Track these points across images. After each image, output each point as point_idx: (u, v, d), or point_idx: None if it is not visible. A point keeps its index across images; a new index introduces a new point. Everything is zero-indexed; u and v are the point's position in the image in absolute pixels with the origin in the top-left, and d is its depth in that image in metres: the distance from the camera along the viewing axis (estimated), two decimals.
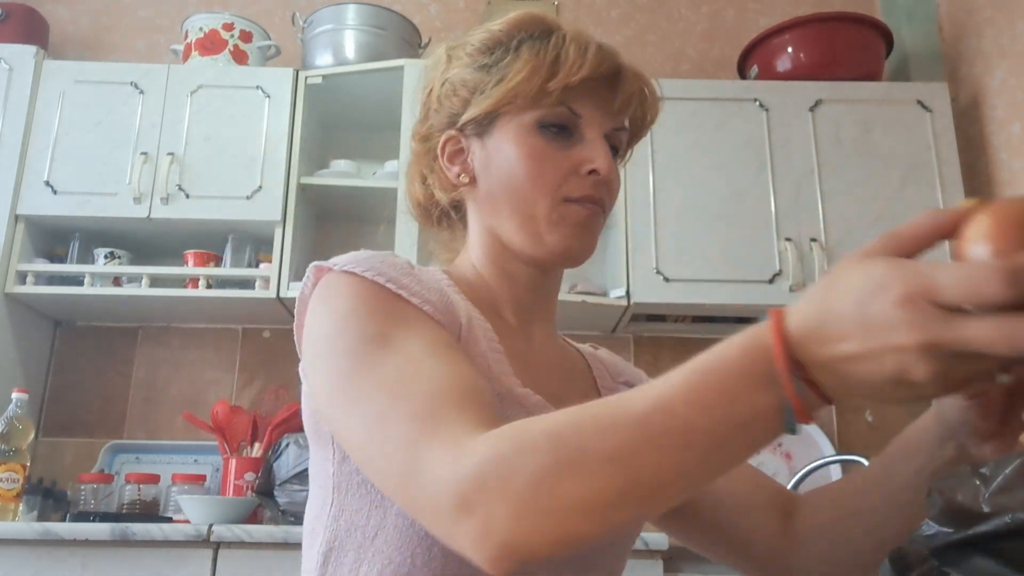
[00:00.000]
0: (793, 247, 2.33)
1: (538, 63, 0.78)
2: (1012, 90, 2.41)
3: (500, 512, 0.50)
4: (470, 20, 2.91)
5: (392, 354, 0.64)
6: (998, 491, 0.42)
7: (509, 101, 0.79)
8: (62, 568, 1.79)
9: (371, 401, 0.62)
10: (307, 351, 0.71)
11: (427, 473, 0.55)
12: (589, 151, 0.79)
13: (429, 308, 0.70)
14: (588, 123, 0.80)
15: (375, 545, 0.70)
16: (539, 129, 0.79)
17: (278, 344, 2.60)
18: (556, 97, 0.78)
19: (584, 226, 0.80)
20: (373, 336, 0.66)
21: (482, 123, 0.81)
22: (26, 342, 2.43)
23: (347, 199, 2.53)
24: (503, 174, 0.80)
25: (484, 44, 0.82)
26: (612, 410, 0.52)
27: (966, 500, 0.43)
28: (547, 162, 0.78)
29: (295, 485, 1.96)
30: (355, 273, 0.71)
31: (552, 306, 0.89)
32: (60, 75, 2.43)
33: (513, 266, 0.84)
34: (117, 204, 2.33)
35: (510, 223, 0.80)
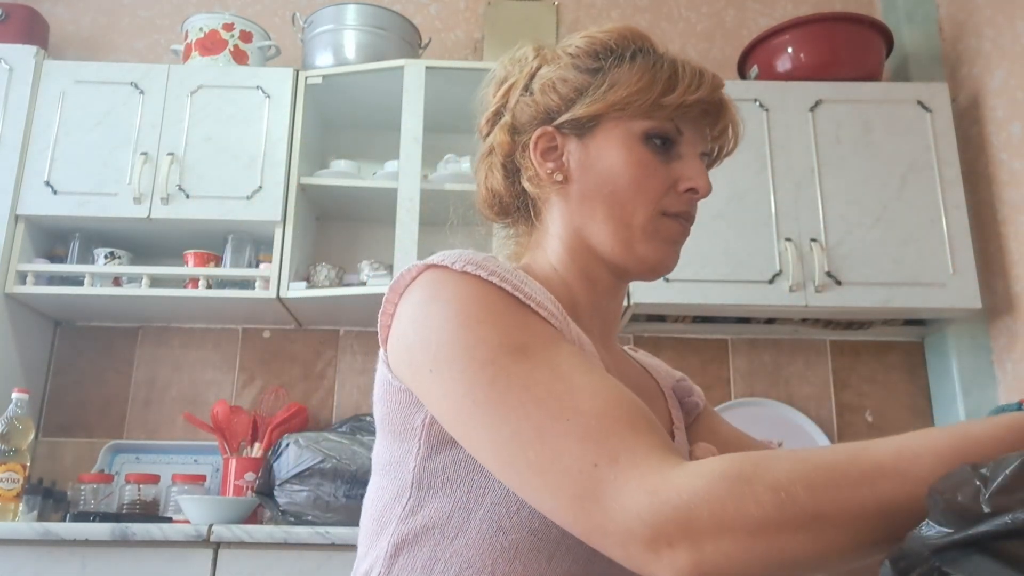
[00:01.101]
0: (793, 247, 2.33)
1: (656, 75, 0.80)
2: (1012, 90, 2.41)
3: (711, 550, 0.52)
4: (470, 20, 2.92)
5: (538, 367, 0.63)
6: (998, 491, 0.42)
7: (622, 107, 0.79)
8: (62, 568, 1.79)
9: (526, 417, 0.60)
10: (419, 351, 0.68)
11: (615, 500, 0.55)
12: (689, 169, 0.81)
13: (555, 322, 0.70)
14: (688, 142, 0.82)
15: (454, 546, 0.69)
16: (645, 140, 0.80)
17: (278, 344, 2.60)
18: (668, 112, 0.79)
19: (675, 242, 0.82)
20: (513, 347, 0.64)
21: (585, 124, 0.82)
22: (26, 342, 2.43)
23: (347, 199, 2.53)
24: (604, 178, 0.80)
25: (591, 48, 0.84)
26: (853, 479, 0.52)
27: (966, 500, 0.43)
28: (651, 173, 0.80)
29: (295, 485, 1.96)
30: (479, 276, 0.69)
31: (620, 312, 0.90)
32: (60, 75, 2.43)
33: (596, 270, 0.83)
34: (117, 204, 2.33)
35: (604, 227, 0.81)
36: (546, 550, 0.67)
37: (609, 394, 0.61)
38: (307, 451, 1.99)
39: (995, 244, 2.44)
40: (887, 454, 0.53)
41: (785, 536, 0.51)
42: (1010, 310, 2.38)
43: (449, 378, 0.65)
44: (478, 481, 0.69)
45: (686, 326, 2.57)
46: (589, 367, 0.64)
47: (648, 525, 0.53)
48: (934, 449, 0.52)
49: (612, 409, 0.60)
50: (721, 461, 0.55)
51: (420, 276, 0.71)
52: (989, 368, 2.46)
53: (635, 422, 0.59)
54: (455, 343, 0.66)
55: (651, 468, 0.55)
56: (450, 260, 0.70)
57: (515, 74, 0.88)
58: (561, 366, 0.63)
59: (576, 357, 0.65)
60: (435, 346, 0.67)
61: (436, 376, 0.66)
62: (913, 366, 2.63)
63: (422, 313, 0.69)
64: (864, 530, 0.51)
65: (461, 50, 2.90)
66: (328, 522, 1.90)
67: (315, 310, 2.46)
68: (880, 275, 2.33)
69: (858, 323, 2.54)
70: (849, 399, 2.59)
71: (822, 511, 0.51)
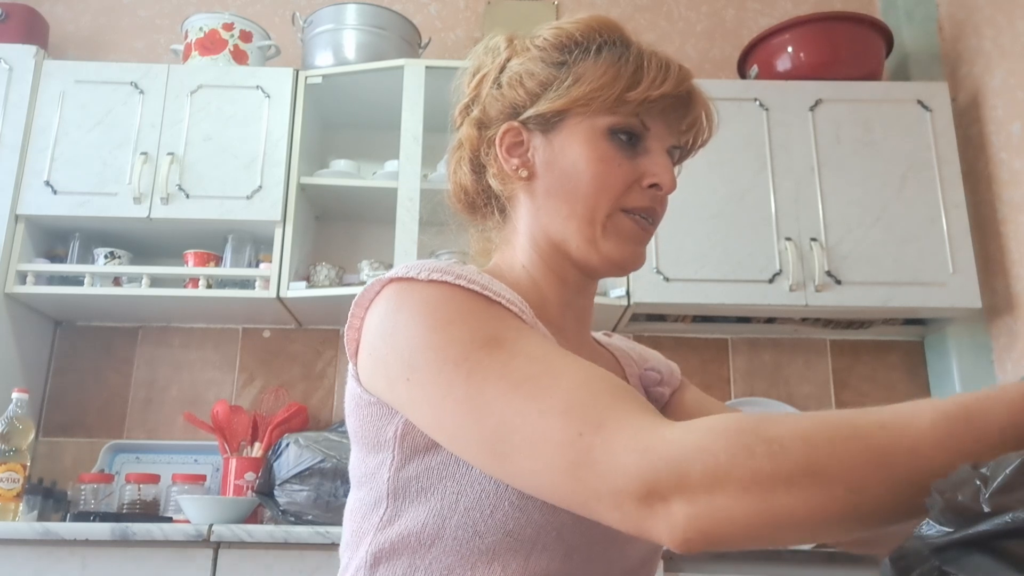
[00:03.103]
0: (793, 247, 2.33)
1: (620, 70, 0.78)
2: (1012, 90, 2.41)
3: (704, 504, 0.51)
4: (470, 20, 2.92)
5: (512, 356, 0.63)
6: (999, 490, 0.42)
7: (585, 103, 0.78)
8: (62, 568, 1.79)
9: (507, 404, 0.60)
10: (391, 361, 0.67)
11: (605, 462, 0.54)
12: (654, 164, 0.79)
13: (524, 316, 0.70)
14: (655, 137, 0.80)
15: (432, 553, 0.69)
16: (610, 135, 0.79)
17: (278, 344, 2.60)
18: (633, 107, 0.78)
19: (636, 240, 0.81)
20: (485, 340, 0.64)
21: (550, 120, 0.81)
22: (26, 342, 2.43)
23: (347, 199, 2.53)
24: (568, 174, 0.80)
25: (558, 40, 0.82)
26: (847, 433, 0.51)
27: (966, 499, 0.43)
28: (613, 169, 0.79)
29: (295, 485, 1.96)
30: (444, 281, 0.69)
31: (592, 306, 0.88)
32: (60, 75, 2.43)
33: (564, 267, 0.83)
34: (117, 204, 2.33)
35: (568, 224, 0.80)
36: (523, 550, 0.68)
37: (586, 370, 0.61)
38: (307, 451, 1.99)
39: (995, 243, 2.44)
40: (887, 410, 0.52)
41: (781, 491, 0.50)
42: (1010, 310, 2.38)
43: (426, 383, 0.65)
44: (451, 488, 0.69)
45: (686, 326, 2.57)
46: (563, 351, 0.65)
47: (640, 480, 0.53)
48: (936, 406, 0.51)
49: (591, 382, 0.60)
50: (715, 418, 0.54)
51: (384, 289, 0.71)
52: (989, 368, 2.46)
53: (615, 392, 0.59)
54: (427, 348, 0.65)
55: (640, 427, 0.55)
56: (415, 271, 0.70)
57: (487, 65, 0.87)
58: (535, 351, 0.64)
59: (549, 342, 0.66)
60: (408, 354, 0.66)
61: (413, 384, 0.66)
62: (913, 366, 2.63)
63: (390, 324, 0.69)
64: (862, 488, 0.50)
65: (461, 50, 2.89)
66: (328, 522, 1.90)
67: (315, 310, 2.46)
68: (880, 275, 2.33)
69: (858, 323, 2.54)
70: (849, 399, 2.59)
71: (819, 464, 0.50)
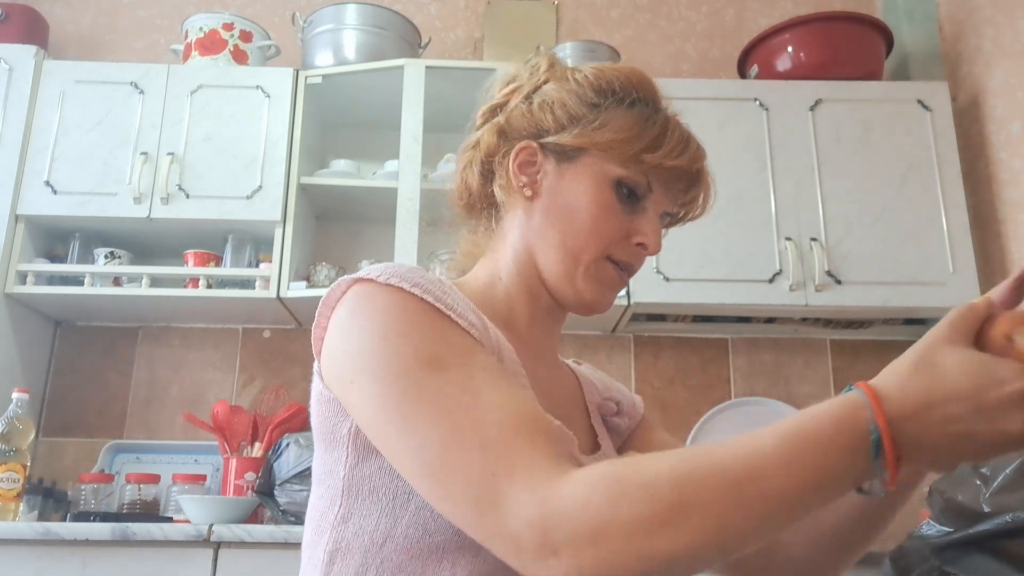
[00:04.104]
0: (793, 247, 2.33)
1: (645, 130, 0.83)
2: (1012, 89, 2.41)
3: (590, 557, 0.54)
4: (470, 20, 2.92)
5: (449, 380, 0.65)
6: (998, 490, 0.42)
7: (604, 148, 0.82)
8: (62, 568, 1.79)
9: (433, 428, 0.63)
10: (343, 362, 0.71)
11: (509, 509, 0.58)
12: (647, 224, 0.84)
13: (475, 332, 0.72)
14: (654, 200, 0.84)
15: (383, 552, 0.71)
16: (616, 186, 0.83)
17: (278, 344, 2.60)
18: (645, 168, 0.82)
19: (612, 287, 0.85)
20: (428, 359, 0.67)
21: (567, 152, 0.84)
22: (26, 342, 2.43)
23: (347, 199, 2.53)
24: (569, 207, 0.83)
25: (598, 83, 0.85)
26: (706, 468, 0.55)
27: (966, 499, 0.43)
28: (609, 218, 0.83)
29: (295, 485, 1.96)
30: (401, 288, 0.71)
31: (560, 328, 0.93)
32: (60, 75, 2.43)
33: (538, 288, 0.87)
34: (117, 204, 2.33)
35: (552, 253, 0.84)
36: (472, 548, 0.69)
37: (514, 407, 0.64)
38: (307, 451, 1.99)
39: (995, 243, 2.44)
40: (738, 441, 0.56)
41: (658, 533, 0.53)
42: None
43: (367, 388, 0.68)
44: (402, 487, 0.71)
45: (686, 326, 2.57)
46: (499, 380, 0.67)
47: (536, 533, 0.56)
48: (776, 430, 0.56)
49: (515, 422, 0.62)
50: (604, 465, 0.58)
51: (349, 290, 0.74)
52: None
53: (535, 435, 0.62)
54: (373, 354, 0.68)
55: (544, 478, 0.58)
56: (375, 273, 0.72)
57: (523, 79, 0.89)
58: (472, 379, 0.66)
59: (488, 370, 0.67)
60: (356, 357, 0.69)
61: (356, 386, 0.69)
62: None
63: (347, 326, 0.72)
64: (726, 518, 0.54)
65: (461, 50, 2.90)
66: None
67: (315, 310, 2.45)
68: (880, 274, 2.33)
69: (858, 322, 2.54)
70: None
71: (687, 502, 0.54)
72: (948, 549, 0.45)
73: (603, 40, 2.74)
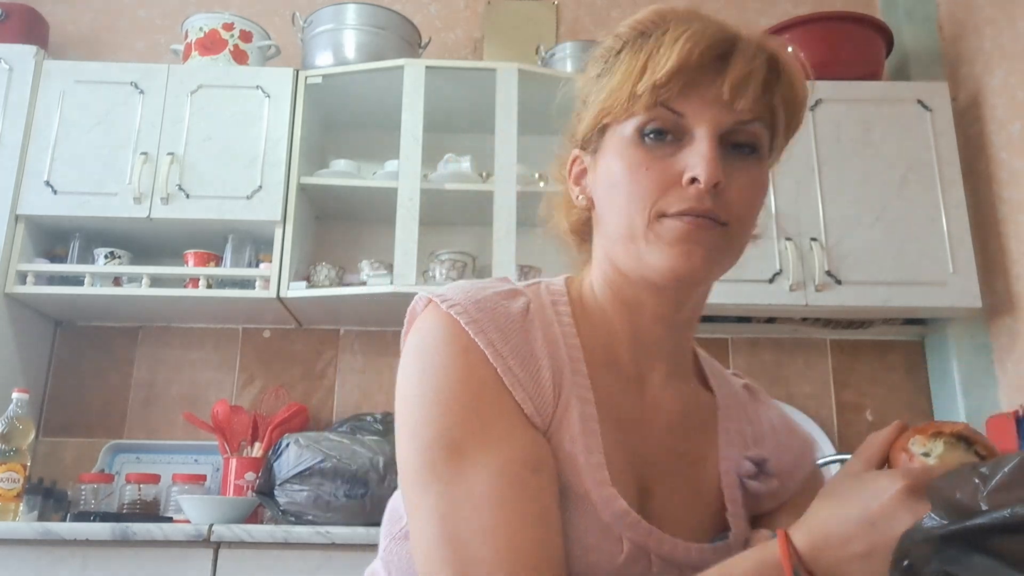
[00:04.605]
0: (793, 246, 2.33)
1: (632, 66, 0.70)
2: (1012, 89, 2.41)
3: None
4: (470, 20, 2.92)
5: (459, 478, 0.63)
6: (997, 489, 0.42)
7: (606, 113, 0.72)
8: (62, 568, 1.79)
9: (427, 524, 0.63)
10: (396, 400, 0.70)
11: None
12: (691, 154, 0.68)
13: (521, 393, 0.67)
14: (695, 121, 0.68)
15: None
16: (640, 137, 0.70)
17: (278, 344, 2.60)
18: (648, 98, 0.68)
19: (683, 241, 0.67)
20: (450, 444, 0.64)
21: (592, 139, 0.75)
22: (26, 342, 2.43)
23: (347, 199, 2.52)
24: (607, 192, 0.73)
25: (601, 52, 0.75)
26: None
27: (965, 498, 0.43)
28: (643, 174, 0.69)
29: (295, 485, 1.96)
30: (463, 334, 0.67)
31: (683, 341, 0.80)
32: (60, 75, 2.43)
33: (633, 294, 0.74)
34: (117, 204, 2.33)
35: (617, 245, 0.72)
36: None
37: (506, 541, 0.61)
38: (307, 451, 1.99)
39: (995, 243, 2.44)
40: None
41: None
42: (1010, 310, 2.38)
43: (400, 443, 0.68)
44: None
45: None
46: (513, 490, 0.63)
47: None
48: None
49: (498, 562, 0.60)
50: None
51: (424, 311, 0.72)
52: (989, 368, 2.45)
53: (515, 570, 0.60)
54: (411, 410, 0.68)
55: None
56: (447, 300, 0.69)
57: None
58: (483, 487, 0.63)
59: (504, 476, 0.63)
60: (400, 401, 0.69)
61: (397, 429, 0.69)
62: (913, 365, 2.63)
63: (406, 362, 0.71)
64: None
65: (461, 50, 2.90)
66: (328, 522, 1.90)
67: (315, 310, 2.46)
68: (880, 274, 2.33)
69: (858, 322, 2.54)
70: (849, 398, 2.59)
71: None
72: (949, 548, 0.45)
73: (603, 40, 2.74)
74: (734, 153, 0.69)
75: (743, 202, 0.70)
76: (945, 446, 0.58)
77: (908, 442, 0.60)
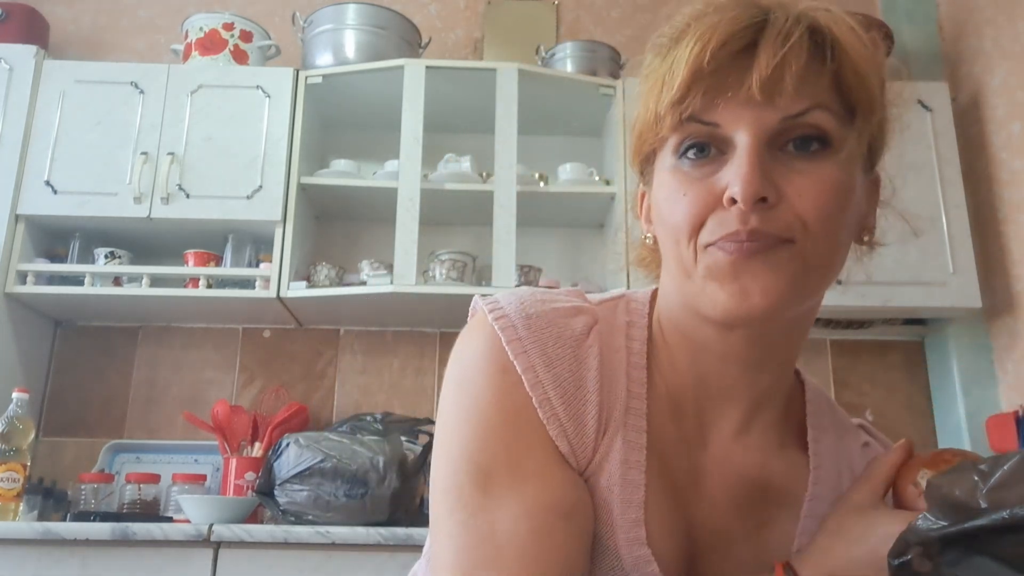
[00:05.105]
0: None
1: (653, 83, 0.61)
2: (1012, 89, 2.41)
3: None
4: (470, 20, 2.92)
5: (483, 512, 0.58)
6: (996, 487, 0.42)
7: (642, 140, 0.64)
8: (62, 568, 1.79)
9: (444, 551, 0.59)
10: (441, 398, 0.66)
11: None
12: (729, 170, 0.57)
13: (556, 429, 0.61)
14: (732, 127, 0.58)
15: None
16: (679, 159, 0.60)
17: (278, 344, 2.60)
18: (672, 118, 0.59)
19: (734, 278, 0.57)
20: (479, 470, 0.60)
21: (644, 171, 0.67)
22: (26, 342, 2.43)
23: (347, 199, 2.53)
24: (657, 227, 0.65)
25: (643, 63, 0.66)
26: None
27: (963, 496, 0.43)
28: (680, 200, 0.59)
29: (295, 485, 1.96)
30: (501, 342, 0.62)
31: (767, 385, 0.67)
32: (60, 75, 2.43)
33: (697, 331, 0.64)
34: (117, 204, 2.33)
35: (674, 283, 0.64)
36: None
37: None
38: (307, 451, 1.98)
39: (995, 243, 2.44)
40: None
41: None
42: (1010, 310, 2.38)
43: (434, 451, 0.64)
44: None
45: None
46: (534, 534, 0.57)
47: None
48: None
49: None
50: None
51: (474, 316, 0.67)
52: (989, 368, 2.45)
53: None
54: (446, 431, 0.63)
55: None
56: (496, 310, 0.64)
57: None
58: (505, 525, 0.58)
59: (533, 517, 0.58)
60: (439, 414, 0.65)
61: (436, 433, 0.65)
62: (913, 365, 2.63)
63: (448, 371, 0.66)
64: None
65: (461, 50, 2.90)
66: (328, 522, 1.90)
67: (315, 310, 2.46)
68: (880, 274, 2.32)
69: (858, 322, 2.54)
70: (849, 398, 2.59)
71: None
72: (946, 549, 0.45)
73: (603, 40, 2.74)
74: (798, 153, 0.58)
75: (813, 209, 0.57)
76: None
77: (917, 475, 0.57)
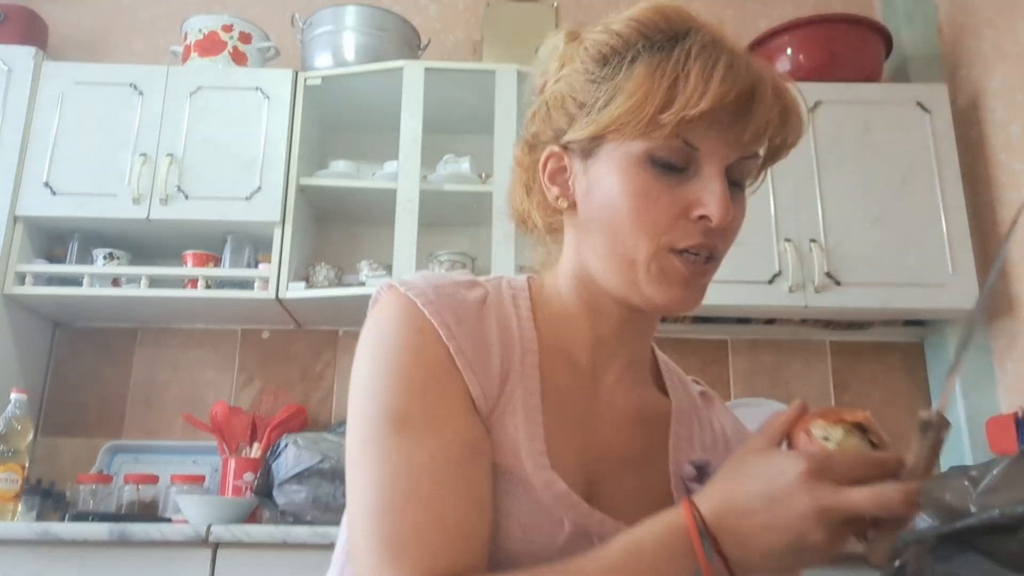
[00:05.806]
0: (793, 247, 2.33)
1: (652, 87, 0.67)
2: (1011, 91, 2.41)
3: None
4: (470, 22, 2.92)
5: (400, 449, 0.65)
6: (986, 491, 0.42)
7: (617, 128, 0.68)
8: (61, 568, 1.79)
9: (364, 489, 0.65)
10: (351, 378, 0.71)
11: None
12: (703, 191, 0.68)
13: (469, 373, 0.69)
14: (708, 156, 0.68)
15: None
16: (649, 163, 0.68)
17: (277, 345, 2.60)
18: (671, 129, 0.66)
19: (686, 285, 0.70)
20: (396, 416, 0.66)
21: (586, 146, 0.72)
22: (25, 343, 2.43)
23: (346, 200, 2.53)
24: (604, 208, 0.71)
25: (599, 51, 0.71)
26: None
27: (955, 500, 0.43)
28: (653, 202, 0.68)
29: (294, 485, 1.96)
30: (417, 306, 0.70)
31: (642, 345, 0.82)
32: (59, 76, 2.43)
33: (604, 304, 0.76)
34: (116, 205, 2.33)
35: (606, 262, 0.72)
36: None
37: (440, 509, 0.63)
38: (306, 452, 1.99)
39: (995, 245, 2.44)
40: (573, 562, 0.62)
41: None
42: (1010, 310, 2.38)
43: (349, 414, 0.70)
44: None
45: (686, 326, 2.57)
46: (450, 470, 0.65)
47: None
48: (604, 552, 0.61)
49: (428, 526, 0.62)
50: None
51: (384, 296, 0.74)
52: (989, 368, 2.45)
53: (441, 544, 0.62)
54: (361, 384, 0.70)
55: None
56: (407, 285, 0.72)
57: (549, 72, 0.77)
58: (421, 459, 0.64)
59: (448, 455, 0.65)
60: (354, 379, 0.71)
61: (349, 406, 0.71)
62: (913, 367, 2.63)
63: (363, 341, 0.73)
64: None
65: (460, 51, 2.90)
66: (327, 522, 1.90)
67: (314, 310, 2.46)
68: (880, 275, 2.33)
69: (858, 324, 2.54)
70: (849, 400, 2.58)
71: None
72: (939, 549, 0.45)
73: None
74: (733, 184, 0.72)
75: (733, 232, 0.74)
76: (844, 433, 0.61)
77: (810, 424, 0.63)
